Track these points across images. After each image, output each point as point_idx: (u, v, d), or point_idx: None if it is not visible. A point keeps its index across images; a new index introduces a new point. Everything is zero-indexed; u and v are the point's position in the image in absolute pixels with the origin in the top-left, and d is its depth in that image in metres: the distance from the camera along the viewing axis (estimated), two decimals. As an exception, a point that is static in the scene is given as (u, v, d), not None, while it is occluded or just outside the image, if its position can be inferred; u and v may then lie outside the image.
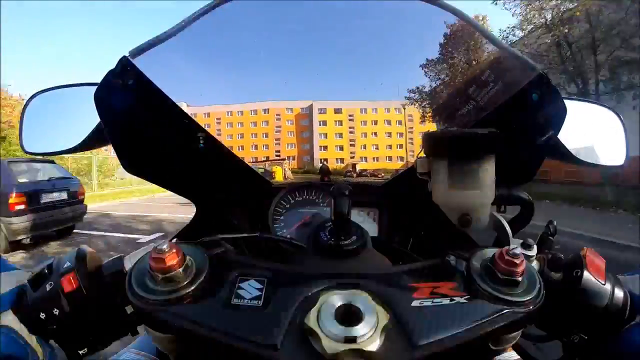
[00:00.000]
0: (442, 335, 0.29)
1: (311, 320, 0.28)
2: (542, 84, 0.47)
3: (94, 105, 0.45)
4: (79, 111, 0.56)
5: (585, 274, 0.40)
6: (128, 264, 0.40)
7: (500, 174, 0.44)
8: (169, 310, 0.31)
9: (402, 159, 0.98)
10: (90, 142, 0.56)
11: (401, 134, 0.99)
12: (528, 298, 0.33)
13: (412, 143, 0.96)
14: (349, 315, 0.29)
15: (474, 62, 0.72)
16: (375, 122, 1.05)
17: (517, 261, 0.33)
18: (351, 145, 1.08)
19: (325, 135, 1.13)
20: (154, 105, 0.49)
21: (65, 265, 0.38)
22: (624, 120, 0.65)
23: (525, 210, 0.50)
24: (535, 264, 0.43)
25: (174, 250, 0.33)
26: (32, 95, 0.65)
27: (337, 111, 1.14)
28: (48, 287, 0.37)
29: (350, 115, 1.10)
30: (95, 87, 0.45)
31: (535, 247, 0.44)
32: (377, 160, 1.04)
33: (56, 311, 0.37)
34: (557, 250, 0.45)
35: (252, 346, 0.28)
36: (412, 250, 0.61)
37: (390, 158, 1.03)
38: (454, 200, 0.43)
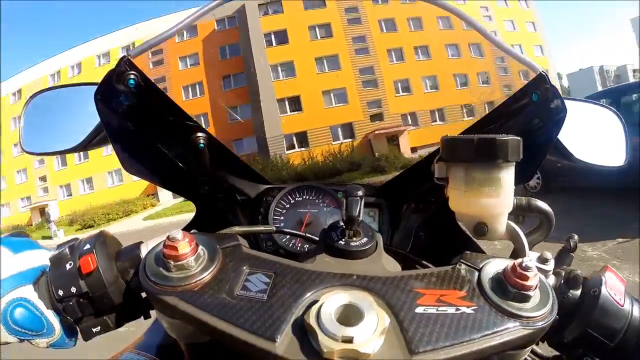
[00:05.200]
0: (443, 344, 0.28)
1: (311, 317, 0.29)
2: (543, 84, 0.47)
3: (94, 105, 0.45)
4: (79, 111, 0.56)
5: (603, 293, 0.39)
6: (145, 250, 0.42)
7: None
8: (178, 296, 0.32)
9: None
10: (90, 142, 0.56)
11: (486, 82, 0.48)
12: (539, 314, 0.31)
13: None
14: (349, 316, 0.29)
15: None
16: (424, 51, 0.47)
17: (530, 275, 0.32)
18: (366, 87, 0.48)
19: (292, 67, 0.42)
20: (154, 105, 0.49)
21: (85, 247, 0.40)
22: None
23: (544, 222, 0.48)
24: (552, 279, 0.41)
25: (187, 240, 0.34)
26: (32, 95, 0.65)
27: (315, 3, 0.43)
28: (67, 267, 0.39)
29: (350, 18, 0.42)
30: (96, 87, 0.45)
31: (552, 261, 0.42)
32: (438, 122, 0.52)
33: (73, 289, 0.38)
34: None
35: (251, 337, 0.29)
36: (411, 252, 0.61)
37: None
38: (470, 207, 0.41)
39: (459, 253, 0.38)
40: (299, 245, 0.65)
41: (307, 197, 0.70)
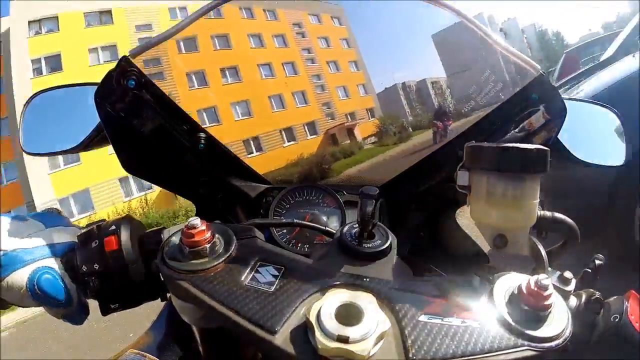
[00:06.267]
0: (443, 356, 0.28)
1: (312, 314, 0.29)
2: (542, 84, 0.47)
3: (94, 105, 0.45)
4: (79, 111, 0.56)
5: (625, 321, 0.37)
6: (166, 235, 0.43)
7: None
8: (189, 281, 0.33)
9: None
10: (90, 142, 0.56)
11: (304, 102, 0.55)
12: (550, 335, 0.30)
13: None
14: (351, 316, 0.29)
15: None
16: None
17: (545, 293, 0.30)
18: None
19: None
20: (154, 105, 0.49)
21: (111, 228, 0.42)
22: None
23: (569, 239, 0.45)
24: (572, 301, 0.39)
25: (204, 228, 0.35)
26: (32, 95, 0.65)
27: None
28: (93, 245, 0.41)
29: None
30: (96, 87, 0.45)
31: (574, 281, 0.39)
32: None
33: (96, 266, 0.40)
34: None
35: (252, 326, 0.30)
36: (411, 253, 0.61)
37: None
38: (491, 218, 0.39)
39: (461, 254, 0.38)
40: (299, 246, 0.65)
41: (308, 198, 0.70)
